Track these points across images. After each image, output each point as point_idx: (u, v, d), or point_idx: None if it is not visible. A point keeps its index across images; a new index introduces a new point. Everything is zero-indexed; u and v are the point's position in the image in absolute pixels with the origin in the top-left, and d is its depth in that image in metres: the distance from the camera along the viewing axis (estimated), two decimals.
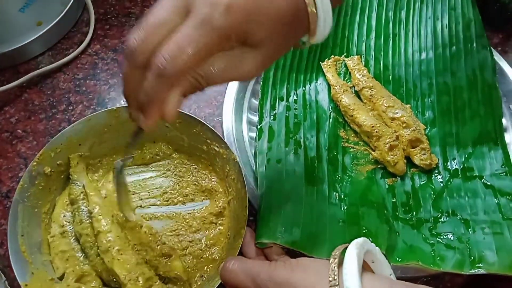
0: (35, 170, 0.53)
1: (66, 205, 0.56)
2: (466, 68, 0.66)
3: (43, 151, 0.54)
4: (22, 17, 0.69)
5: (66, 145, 0.56)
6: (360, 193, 0.57)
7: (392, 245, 0.53)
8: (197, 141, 0.58)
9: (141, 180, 0.59)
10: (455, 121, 0.63)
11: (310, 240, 0.52)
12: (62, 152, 0.55)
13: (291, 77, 0.65)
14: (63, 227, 0.54)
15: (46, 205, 0.55)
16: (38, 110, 0.65)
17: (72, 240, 0.54)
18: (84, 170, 0.57)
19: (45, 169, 0.54)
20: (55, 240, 0.53)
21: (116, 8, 0.76)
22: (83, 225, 0.53)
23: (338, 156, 0.61)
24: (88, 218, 0.53)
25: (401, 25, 0.72)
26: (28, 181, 0.52)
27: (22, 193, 0.52)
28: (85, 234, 0.52)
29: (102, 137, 0.58)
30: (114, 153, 0.60)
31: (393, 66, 0.69)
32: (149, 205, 0.58)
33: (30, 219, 0.52)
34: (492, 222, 0.55)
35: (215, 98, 0.67)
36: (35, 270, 0.49)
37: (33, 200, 0.53)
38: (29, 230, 0.51)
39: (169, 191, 0.59)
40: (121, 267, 0.49)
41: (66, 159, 0.56)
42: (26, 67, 0.68)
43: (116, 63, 0.70)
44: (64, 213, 0.55)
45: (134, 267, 0.50)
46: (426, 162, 0.59)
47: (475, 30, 0.69)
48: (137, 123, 0.39)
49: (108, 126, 0.57)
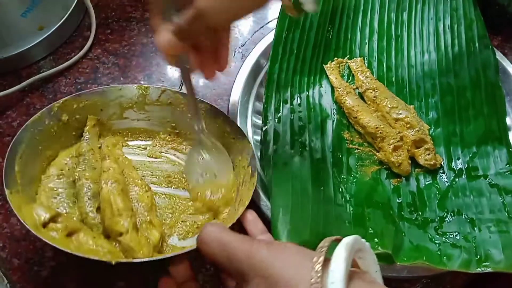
0: (55, 110, 0.54)
1: (70, 157, 0.56)
2: (469, 68, 0.67)
3: (68, 98, 0.55)
4: (24, 22, 0.69)
5: (91, 103, 0.57)
6: (366, 194, 0.57)
7: (398, 245, 0.53)
8: (214, 134, 0.57)
9: (147, 161, 0.59)
10: (459, 121, 0.64)
11: (319, 240, 0.51)
12: (84, 108, 0.56)
13: (295, 80, 0.65)
14: (61, 170, 0.54)
15: (50, 150, 0.55)
16: None
17: (66, 182, 0.53)
18: (97, 134, 0.58)
19: (63, 116, 0.55)
20: (47, 179, 0.53)
21: (117, 12, 0.76)
22: (86, 172, 0.53)
23: (343, 157, 0.61)
24: (93, 168, 0.53)
25: (404, 26, 0.72)
26: (45, 116, 0.53)
27: (36, 123, 0.52)
28: (84, 178, 0.52)
29: (124, 112, 0.59)
30: (128, 132, 0.61)
31: (396, 67, 0.69)
32: (150, 183, 0.57)
33: (32, 151, 0.52)
34: (497, 221, 0.55)
35: (215, 101, 0.67)
36: (22, 191, 0.49)
37: (42, 137, 0.53)
38: (27, 160, 0.51)
39: (173, 176, 0.58)
40: (118, 201, 0.49)
41: (85, 117, 0.57)
42: (28, 72, 0.68)
43: (117, 67, 0.70)
44: (66, 161, 0.55)
45: (127, 210, 0.49)
46: (430, 162, 0.59)
47: (477, 31, 0.69)
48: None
49: (134, 102, 0.58)
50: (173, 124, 0.60)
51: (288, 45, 0.67)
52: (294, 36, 0.67)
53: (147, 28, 0.74)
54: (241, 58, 0.71)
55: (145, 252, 0.47)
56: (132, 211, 0.50)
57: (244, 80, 0.66)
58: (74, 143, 0.57)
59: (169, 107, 0.59)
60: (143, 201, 0.53)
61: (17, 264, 0.53)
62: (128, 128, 0.61)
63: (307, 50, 0.67)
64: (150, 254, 0.47)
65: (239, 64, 0.68)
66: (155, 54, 0.71)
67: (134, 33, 0.73)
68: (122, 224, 0.48)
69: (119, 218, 0.48)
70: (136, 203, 0.52)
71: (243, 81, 0.66)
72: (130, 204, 0.51)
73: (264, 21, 0.76)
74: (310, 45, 0.68)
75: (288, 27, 0.67)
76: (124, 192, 0.51)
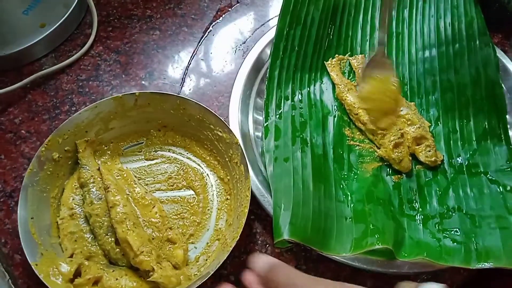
0: (43, 155, 0.54)
1: (75, 189, 0.57)
2: (470, 65, 0.67)
3: (51, 137, 0.55)
4: (25, 20, 0.69)
5: (74, 131, 0.57)
6: (366, 190, 0.58)
7: (399, 241, 0.53)
8: (201, 126, 0.59)
9: (146, 166, 0.61)
10: (459, 118, 0.64)
11: (320, 236, 0.52)
12: (69, 138, 0.57)
13: (296, 77, 0.66)
14: (72, 209, 0.56)
15: (55, 190, 0.56)
16: (42, 111, 0.65)
17: (81, 222, 0.55)
18: (91, 154, 0.59)
19: (53, 155, 0.55)
20: (64, 222, 0.54)
21: (119, 10, 0.76)
22: (93, 206, 0.54)
23: (344, 154, 0.61)
24: (98, 199, 0.55)
25: (405, 23, 0.73)
26: (37, 165, 0.53)
27: (31, 177, 0.53)
28: (95, 215, 0.54)
29: (109, 124, 0.59)
30: (120, 139, 0.61)
31: (397, 64, 0.69)
32: (154, 190, 0.59)
33: (39, 203, 0.53)
34: (497, 217, 0.55)
35: (216, 98, 0.67)
36: (44, 251, 0.50)
37: (42, 184, 0.54)
38: (38, 214, 0.52)
39: (173, 176, 0.60)
40: (135, 238, 0.50)
41: (74, 145, 0.58)
42: (29, 69, 0.68)
43: (119, 65, 0.70)
44: (73, 196, 0.56)
45: (146, 242, 0.51)
46: (431, 159, 0.59)
47: (478, 28, 0.70)
48: None
49: (113, 113, 0.59)
50: (159, 121, 0.61)
51: (289, 42, 0.67)
52: (295, 32, 0.67)
53: (148, 26, 0.74)
54: (242, 56, 0.71)
55: (174, 282, 0.50)
56: (150, 241, 0.52)
57: (245, 77, 0.66)
58: (73, 170, 0.58)
59: (149, 107, 0.59)
60: (154, 220, 0.55)
61: (19, 260, 0.54)
62: (118, 135, 0.61)
63: (308, 47, 0.67)
64: (179, 282, 0.51)
65: (240, 61, 0.69)
66: (156, 51, 0.72)
67: (136, 31, 0.73)
68: (148, 262, 0.50)
69: (142, 257, 0.50)
70: (150, 229, 0.54)
71: (244, 78, 0.66)
72: (145, 234, 0.53)
73: (265, 18, 0.76)
74: (311, 42, 0.68)
75: (289, 24, 0.67)
76: (136, 225, 0.52)
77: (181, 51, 0.72)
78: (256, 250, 0.56)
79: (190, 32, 0.74)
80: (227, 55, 0.72)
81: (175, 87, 0.68)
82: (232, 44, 0.73)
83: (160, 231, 0.54)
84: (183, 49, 0.72)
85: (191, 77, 0.69)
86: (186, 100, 0.58)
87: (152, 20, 0.75)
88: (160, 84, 0.68)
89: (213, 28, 0.75)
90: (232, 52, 0.72)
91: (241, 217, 0.51)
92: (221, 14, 0.77)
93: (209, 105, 0.66)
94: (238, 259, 0.55)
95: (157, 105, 0.59)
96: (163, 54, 0.71)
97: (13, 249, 0.54)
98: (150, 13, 0.76)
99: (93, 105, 0.57)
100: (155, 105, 0.59)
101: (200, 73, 0.70)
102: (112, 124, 0.60)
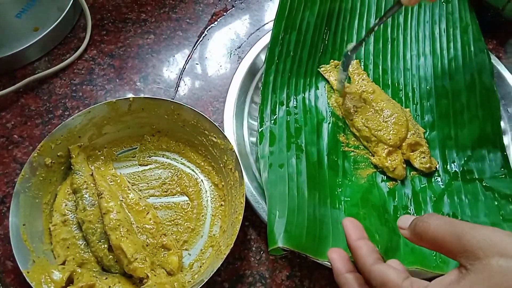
0: (36, 161, 0.54)
1: (67, 195, 0.56)
2: (464, 71, 0.67)
3: (44, 142, 0.54)
4: (18, 23, 0.69)
5: (66, 136, 0.56)
6: (361, 197, 0.57)
7: (393, 248, 0.53)
8: (195, 131, 0.59)
9: (140, 171, 0.60)
10: (454, 124, 0.64)
11: (315, 243, 0.51)
12: (62, 143, 0.56)
13: (291, 82, 0.65)
14: (65, 215, 0.55)
15: (47, 196, 0.55)
16: (35, 115, 0.64)
17: (74, 228, 0.55)
18: (85, 160, 0.58)
19: (45, 160, 0.55)
20: (57, 229, 0.54)
21: (113, 13, 0.75)
22: (86, 212, 0.54)
23: (338, 161, 0.61)
24: (91, 205, 0.54)
25: (400, 29, 0.73)
26: (29, 171, 0.53)
27: (23, 183, 0.52)
28: (88, 221, 0.53)
29: (102, 129, 0.59)
30: (113, 145, 0.61)
31: (392, 70, 0.69)
32: (148, 196, 0.58)
33: (32, 209, 0.53)
34: (492, 224, 0.55)
35: (211, 103, 0.67)
36: (36, 258, 0.50)
37: (34, 190, 0.53)
38: (31, 220, 0.52)
39: (167, 182, 0.59)
40: (129, 245, 0.50)
41: (66, 150, 0.57)
42: (22, 72, 0.67)
43: (113, 69, 0.69)
44: (66, 203, 0.56)
45: (140, 248, 0.51)
46: (426, 166, 0.59)
47: (473, 34, 0.70)
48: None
49: (107, 118, 0.58)
50: (153, 126, 0.61)
51: (284, 47, 0.66)
52: (291, 38, 0.67)
53: (143, 30, 0.74)
54: (237, 60, 0.71)
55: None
56: (144, 248, 0.52)
57: (240, 82, 0.66)
58: (66, 176, 0.58)
59: (143, 112, 0.59)
60: (148, 226, 0.54)
61: (11, 266, 0.53)
62: (112, 140, 0.61)
63: (304, 52, 0.67)
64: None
65: (235, 66, 0.68)
66: (150, 55, 0.71)
67: (130, 35, 0.73)
68: (142, 269, 0.50)
69: (136, 264, 0.50)
70: (144, 235, 0.54)
71: (239, 83, 0.65)
72: (139, 241, 0.52)
73: (260, 23, 0.76)
74: (307, 47, 0.67)
75: (284, 29, 0.67)
76: (130, 231, 0.52)
77: (176, 55, 0.72)
78: (250, 256, 0.56)
79: (185, 36, 0.74)
80: (222, 59, 0.72)
81: (170, 91, 0.68)
82: (227, 48, 0.73)
83: (154, 238, 0.54)
84: (178, 53, 0.72)
85: (186, 81, 0.69)
86: (181, 106, 0.58)
87: (147, 24, 0.75)
88: (154, 89, 0.68)
89: (208, 33, 0.75)
90: (227, 57, 0.72)
91: (235, 223, 0.51)
92: (216, 18, 0.77)
93: (204, 110, 0.65)
94: (232, 266, 0.55)
95: (151, 110, 0.59)
96: (157, 59, 0.71)
97: (5, 255, 0.54)
98: (144, 16, 0.75)
99: (86, 110, 0.56)
100: (149, 110, 0.59)
101: (195, 78, 0.70)
102: (106, 129, 0.59)
